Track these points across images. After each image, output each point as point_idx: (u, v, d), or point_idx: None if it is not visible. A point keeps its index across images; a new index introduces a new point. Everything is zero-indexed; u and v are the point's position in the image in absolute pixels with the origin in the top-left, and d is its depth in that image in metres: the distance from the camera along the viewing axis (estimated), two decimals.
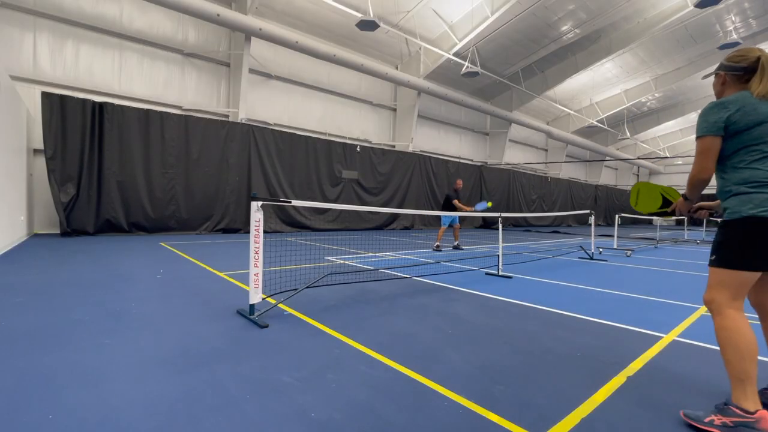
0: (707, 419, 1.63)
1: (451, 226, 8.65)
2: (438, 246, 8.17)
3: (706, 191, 1.90)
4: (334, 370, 2.13)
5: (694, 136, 25.40)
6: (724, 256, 1.70)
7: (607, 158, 28.49)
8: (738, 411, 1.59)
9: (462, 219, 17.86)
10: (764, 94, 1.65)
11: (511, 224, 21.16)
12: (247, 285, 4.01)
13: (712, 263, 1.76)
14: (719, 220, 1.75)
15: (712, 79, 2.00)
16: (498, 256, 5.49)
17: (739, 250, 1.65)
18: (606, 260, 7.38)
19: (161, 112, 9.98)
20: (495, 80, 17.71)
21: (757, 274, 1.67)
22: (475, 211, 8.11)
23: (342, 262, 6.22)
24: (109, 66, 10.26)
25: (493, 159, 21.75)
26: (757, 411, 1.57)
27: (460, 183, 9.03)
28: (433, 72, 15.55)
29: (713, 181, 1.86)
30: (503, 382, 2.04)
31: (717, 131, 1.70)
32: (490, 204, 7.65)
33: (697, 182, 1.80)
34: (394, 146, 16.64)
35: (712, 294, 1.74)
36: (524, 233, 16.12)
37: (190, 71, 11.62)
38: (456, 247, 8.55)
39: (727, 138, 1.70)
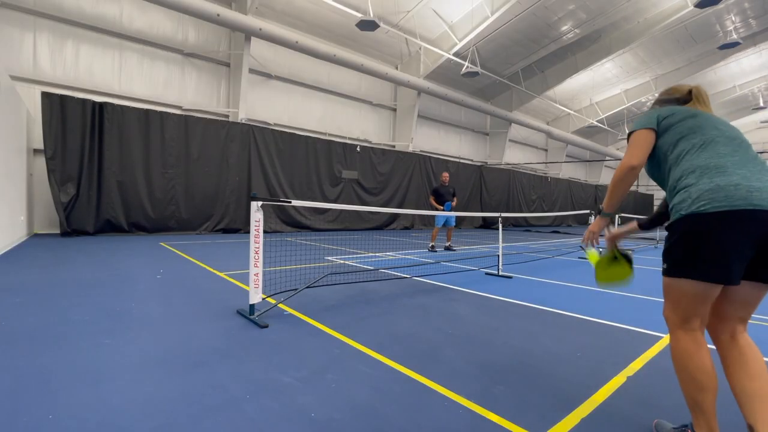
0: None
1: (445, 226, 8.36)
2: (432, 246, 8.13)
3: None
4: (334, 370, 2.13)
5: None
6: (671, 263, 1.46)
7: (607, 158, 28.48)
8: None
9: (461, 219, 17.87)
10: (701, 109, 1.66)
11: (511, 224, 21.16)
12: (247, 285, 4.01)
13: (663, 272, 1.51)
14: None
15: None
16: (498, 256, 5.49)
17: (683, 255, 1.39)
18: None
19: (161, 112, 9.98)
20: (495, 80, 17.71)
21: (713, 288, 1.38)
22: (443, 211, 8.02)
23: (342, 262, 6.22)
24: (109, 66, 10.26)
25: (493, 159, 21.75)
26: None
27: (446, 176, 8.55)
28: (433, 72, 15.55)
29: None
30: (503, 382, 2.04)
31: (649, 124, 1.63)
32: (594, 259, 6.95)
33: (624, 171, 1.62)
34: (394, 146, 16.64)
35: (665, 309, 1.54)
36: (524, 233, 16.12)
37: (190, 71, 11.62)
38: (447, 248, 8.40)
39: (663, 133, 1.61)
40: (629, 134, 1.70)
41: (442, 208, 8.14)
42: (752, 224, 1.29)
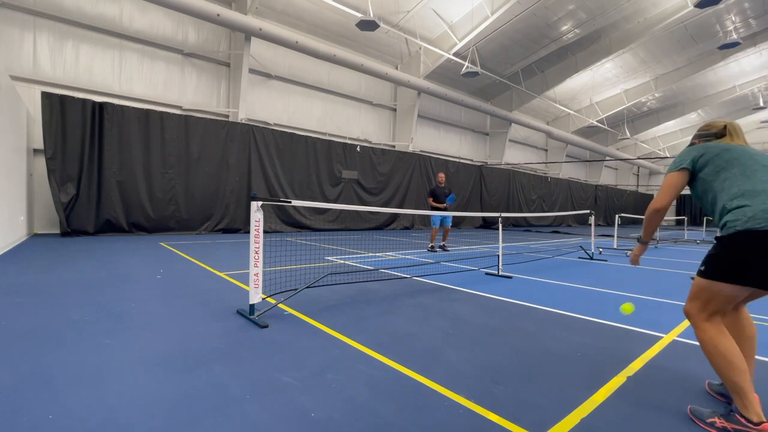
0: (709, 420, 1.63)
1: (442, 225, 8.28)
2: (432, 247, 8.13)
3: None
4: (334, 370, 2.13)
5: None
6: (716, 268, 1.70)
7: (607, 158, 28.49)
8: (742, 420, 1.59)
9: (461, 219, 17.87)
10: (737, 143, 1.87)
11: (511, 224, 21.16)
12: (247, 285, 4.01)
13: (701, 273, 1.76)
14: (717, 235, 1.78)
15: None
16: (498, 256, 5.49)
17: (731, 264, 1.65)
18: (606, 260, 7.38)
19: (161, 112, 9.98)
20: (495, 80, 17.71)
21: (745, 290, 1.67)
22: (446, 208, 8.03)
23: (342, 262, 6.22)
24: (109, 66, 10.26)
25: (493, 159, 21.75)
26: (761, 423, 1.55)
27: (441, 177, 8.45)
28: (433, 72, 15.55)
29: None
30: (503, 382, 2.04)
31: (685, 165, 1.88)
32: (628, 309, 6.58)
33: (651, 214, 2.00)
34: (394, 146, 16.64)
35: (692, 306, 1.78)
36: (524, 233, 16.12)
37: (190, 71, 11.62)
38: (441, 247, 8.30)
39: (703, 168, 1.85)
40: (666, 174, 1.98)
41: (444, 206, 8.08)
42: None
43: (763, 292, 1.72)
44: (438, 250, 8.16)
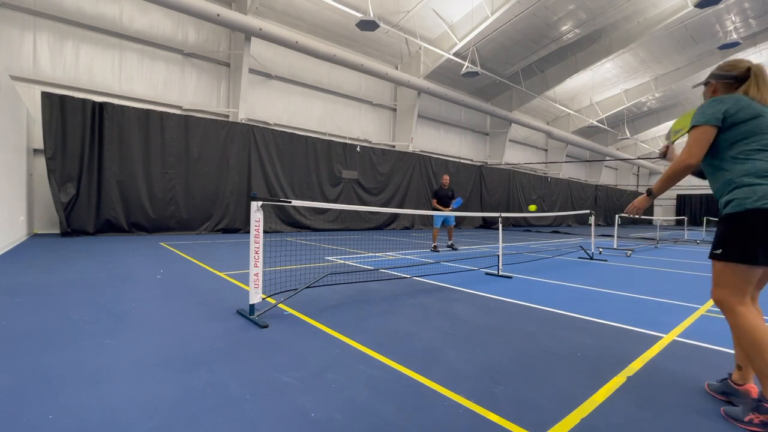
0: (746, 418, 1.64)
1: (444, 225, 8.44)
2: (435, 247, 8.15)
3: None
4: (334, 370, 2.13)
5: None
6: (731, 249, 1.67)
7: (607, 158, 28.49)
8: None
9: (461, 219, 17.87)
10: (759, 99, 1.74)
11: (511, 224, 21.16)
12: (247, 285, 4.02)
13: (717, 257, 1.73)
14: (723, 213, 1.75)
15: (702, 88, 2.04)
16: (498, 256, 5.49)
17: (745, 244, 1.63)
18: (606, 260, 7.38)
19: (161, 112, 9.98)
20: (495, 80, 17.71)
21: (760, 270, 1.67)
22: (453, 210, 8.12)
23: (342, 262, 6.22)
24: (109, 66, 10.26)
25: (493, 159, 21.75)
26: None
27: (446, 179, 8.50)
28: (433, 72, 15.55)
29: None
30: (503, 382, 2.04)
31: (715, 121, 1.74)
32: (533, 208, 6.73)
33: (681, 168, 1.80)
34: (394, 146, 16.64)
35: (721, 292, 1.74)
36: (524, 233, 16.12)
37: (190, 71, 11.62)
38: (451, 246, 8.45)
39: (725, 130, 1.75)
40: (692, 127, 1.81)
41: (449, 209, 8.19)
42: None
43: None
44: (440, 250, 8.18)
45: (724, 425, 1.68)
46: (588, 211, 8.56)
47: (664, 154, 2.26)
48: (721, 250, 1.71)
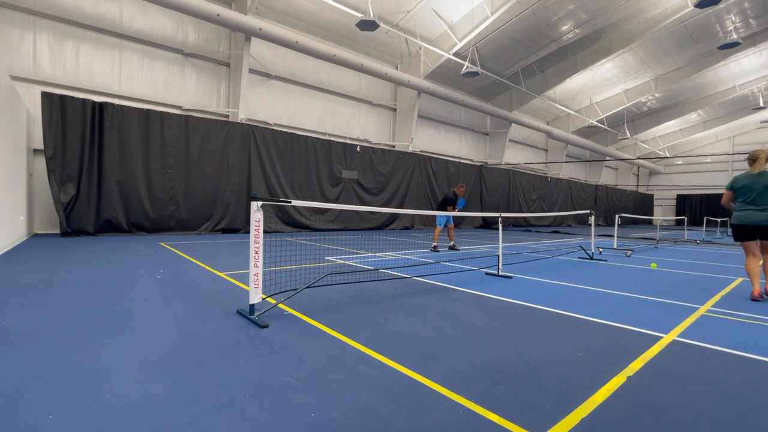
0: None
1: (446, 226, 8.55)
2: (435, 247, 8.15)
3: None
4: (334, 370, 2.13)
5: (693, 136, 25.47)
6: (734, 236, 4.41)
7: (607, 158, 28.49)
8: None
9: (461, 219, 17.88)
10: (756, 171, 4.22)
11: (511, 224, 21.16)
12: (247, 285, 4.02)
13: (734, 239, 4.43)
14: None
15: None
16: (498, 256, 5.49)
17: (736, 235, 4.39)
18: (606, 260, 7.38)
19: (161, 112, 9.98)
20: (495, 80, 17.72)
21: (750, 242, 4.27)
22: (460, 210, 8.29)
23: (342, 262, 6.22)
24: (109, 66, 10.26)
25: (493, 159, 21.75)
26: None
27: (463, 189, 8.57)
28: (433, 72, 15.55)
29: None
30: (503, 382, 2.04)
31: (729, 188, 4.45)
32: (654, 266, 6.31)
33: (723, 203, 4.61)
34: (394, 146, 16.64)
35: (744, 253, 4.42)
36: (524, 233, 16.12)
37: (190, 71, 11.62)
38: (452, 248, 8.49)
39: (736, 190, 4.38)
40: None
41: (454, 209, 8.35)
42: (748, 227, 4.32)
43: (763, 242, 4.26)
44: (440, 250, 8.18)
45: (724, 425, 1.68)
46: (588, 211, 8.56)
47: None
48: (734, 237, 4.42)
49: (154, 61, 10.97)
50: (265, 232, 10.77)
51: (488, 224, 19.11)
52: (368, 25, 10.88)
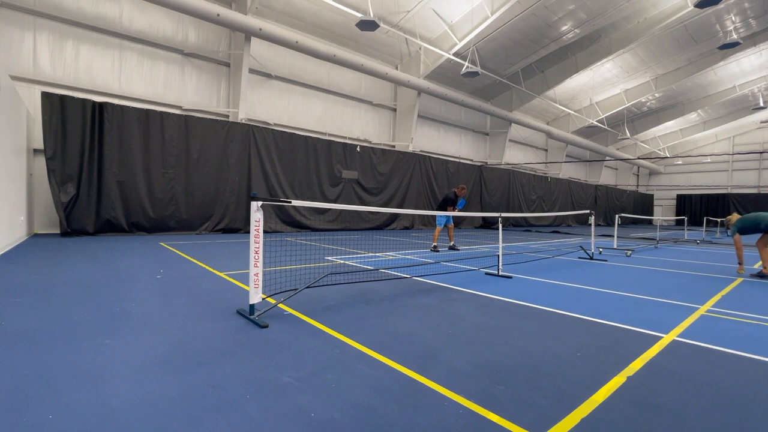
0: None
1: (445, 226, 8.58)
2: (435, 247, 8.15)
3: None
4: (334, 370, 2.13)
5: (693, 136, 25.53)
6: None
7: (607, 158, 28.49)
8: None
9: (461, 219, 17.87)
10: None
11: (511, 224, 21.16)
12: (247, 285, 4.01)
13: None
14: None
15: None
16: (498, 256, 5.49)
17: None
18: (606, 260, 7.39)
19: (161, 112, 9.98)
20: (495, 80, 17.72)
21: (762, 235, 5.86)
22: (460, 211, 8.36)
23: (342, 262, 6.22)
24: (109, 66, 10.26)
25: (493, 159, 21.75)
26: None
27: (464, 191, 8.61)
28: (433, 72, 15.55)
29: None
30: (503, 382, 2.04)
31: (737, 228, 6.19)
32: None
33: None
34: (394, 146, 16.64)
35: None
36: (524, 233, 16.12)
37: (190, 71, 11.62)
38: (452, 248, 8.50)
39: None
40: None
41: (454, 209, 8.38)
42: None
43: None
44: (440, 250, 8.17)
45: (724, 425, 1.68)
46: (588, 211, 8.56)
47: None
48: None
49: (154, 61, 10.97)
50: (265, 232, 10.76)
51: (488, 224, 19.11)
52: (368, 25, 10.88)
